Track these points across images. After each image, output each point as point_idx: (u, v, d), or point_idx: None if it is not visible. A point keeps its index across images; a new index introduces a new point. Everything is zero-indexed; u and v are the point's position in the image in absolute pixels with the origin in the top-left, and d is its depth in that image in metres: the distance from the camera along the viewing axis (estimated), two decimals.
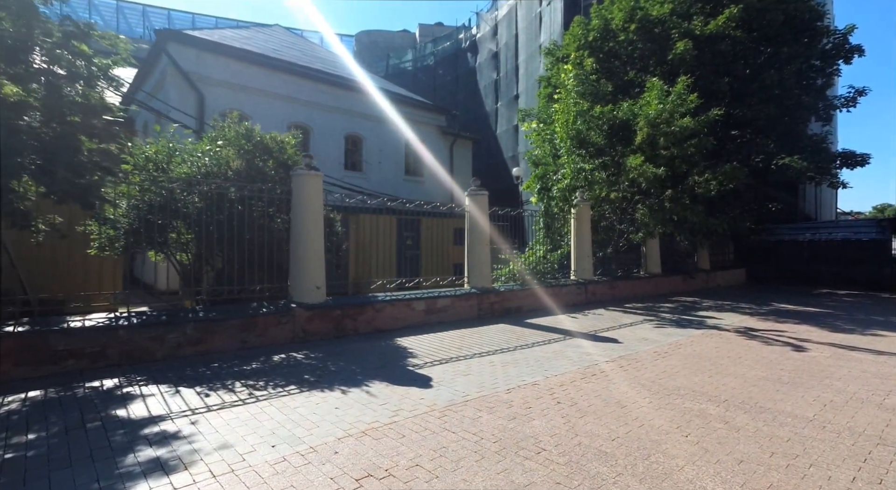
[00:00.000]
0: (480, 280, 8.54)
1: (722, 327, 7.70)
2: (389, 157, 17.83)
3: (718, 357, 5.61)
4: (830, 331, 7.51)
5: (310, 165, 6.27)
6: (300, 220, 6.17)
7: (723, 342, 6.50)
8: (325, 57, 18.98)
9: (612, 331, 7.25)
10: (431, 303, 7.51)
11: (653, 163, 10.95)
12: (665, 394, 4.14)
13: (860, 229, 16.67)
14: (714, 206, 13.73)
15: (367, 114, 17.08)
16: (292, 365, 4.85)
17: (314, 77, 15.43)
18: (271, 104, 14.52)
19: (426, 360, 5.16)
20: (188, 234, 5.97)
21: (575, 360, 5.33)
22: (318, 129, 15.58)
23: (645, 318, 8.56)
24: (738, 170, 10.98)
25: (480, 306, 8.29)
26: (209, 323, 5.16)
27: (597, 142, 11.75)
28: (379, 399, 3.84)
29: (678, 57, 12.63)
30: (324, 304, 6.22)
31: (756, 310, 9.99)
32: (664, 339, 6.70)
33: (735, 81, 13.94)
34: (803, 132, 15.35)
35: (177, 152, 6.29)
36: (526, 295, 9.26)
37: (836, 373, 4.97)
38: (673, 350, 5.97)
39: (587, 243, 10.94)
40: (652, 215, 11.29)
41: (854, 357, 5.68)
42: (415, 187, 18.59)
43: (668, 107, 10.83)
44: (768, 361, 5.43)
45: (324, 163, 15.70)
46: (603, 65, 14.80)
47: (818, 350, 6.07)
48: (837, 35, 14.10)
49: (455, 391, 4.08)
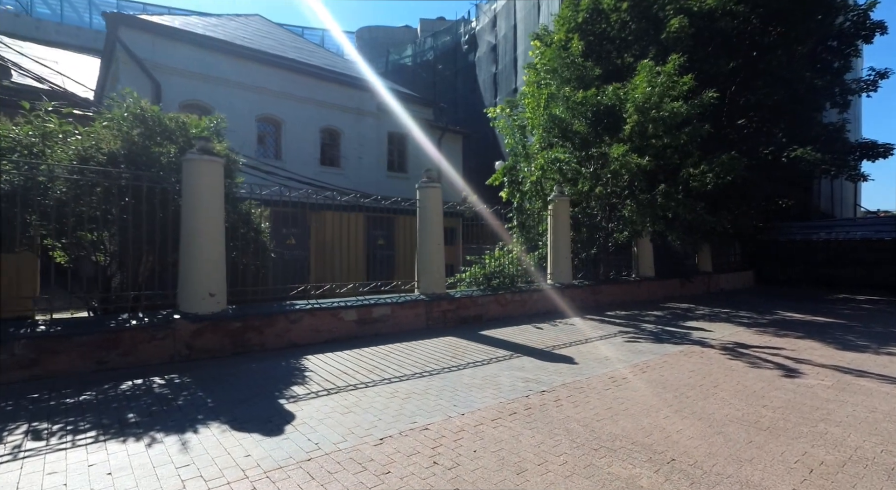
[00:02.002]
0: (431, 285, 7.50)
1: (707, 343, 6.53)
2: (370, 153, 16.85)
3: (688, 386, 4.49)
4: (838, 348, 6.28)
5: (205, 149, 5.31)
6: (190, 213, 5.22)
7: (701, 364, 5.36)
8: (304, 47, 18.09)
9: (572, 347, 6.15)
10: (365, 312, 6.49)
11: (641, 153, 9.77)
12: (592, 448, 3.06)
13: (882, 228, 15.16)
14: (716, 202, 12.44)
15: (345, 106, 16.14)
16: (137, 395, 3.89)
17: (285, 66, 14.52)
18: (238, 95, 13.65)
19: (313, 390, 4.15)
20: (43, 230, 5.06)
21: (504, 390, 4.27)
22: (291, 122, 14.67)
23: (621, 330, 7.42)
24: (737, 160, 9.71)
25: (430, 315, 7.24)
26: (49, 340, 4.23)
27: (580, 130, 10.61)
28: (190, 453, 2.84)
29: (673, 36, 11.39)
30: (218, 314, 5.25)
31: (755, 319, 8.75)
32: (631, 358, 5.58)
33: (739, 64, 12.62)
34: (817, 120, 13.93)
35: (55, 134, 5.38)
36: (489, 302, 8.18)
37: (835, 412, 3.81)
38: (635, 375, 4.86)
39: (565, 243, 9.80)
40: (640, 212, 10.11)
41: (862, 388, 4.50)
42: (399, 184, 17.58)
43: (657, 89, 9.64)
44: (750, 393, 4.29)
45: (297, 158, 14.82)
46: (593, 48, 13.61)
47: (818, 376, 4.89)
48: (857, 11, 12.65)
49: (307, 442, 3.06)
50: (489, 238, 10.57)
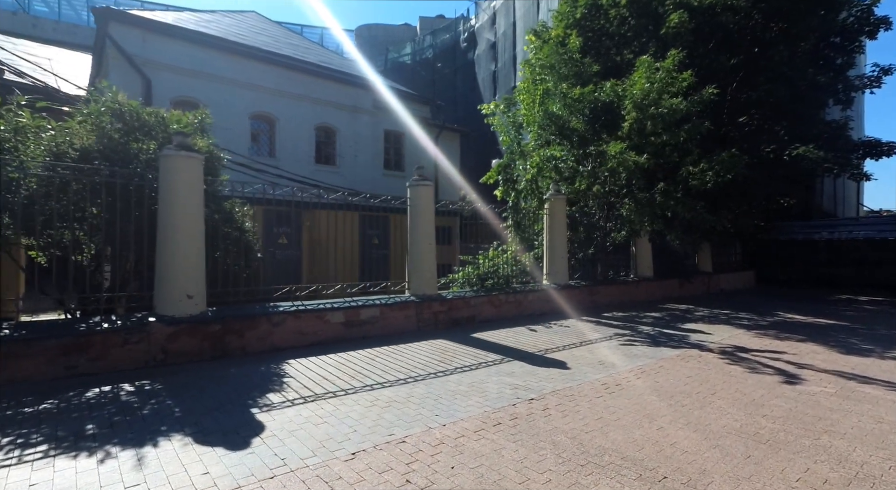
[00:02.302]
0: (422, 285, 7.29)
1: (706, 346, 6.32)
2: (366, 151, 16.63)
3: (684, 394, 4.28)
4: (841, 352, 6.07)
5: (183, 145, 5.10)
6: (167, 211, 5.01)
7: (698, 369, 5.15)
8: (300, 44, 17.88)
9: (566, 350, 5.94)
10: (353, 314, 6.28)
11: (640, 151, 9.54)
12: (579, 463, 2.86)
13: (885, 227, 14.91)
14: (716, 201, 12.21)
15: (341, 103, 15.93)
16: (101, 404, 3.69)
17: (280, 63, 14.31)
18: (231, 92, 13.45)
19: (289, 397, 3.95)
20: (10, 229, 4.85)
21: (490, 398, 4.07)
22: (285, 120, 14.46)
23: (617, 332, 7.21)
24: (737, 158, 9.48)
25: (421, 317, 7.04)
26: (13, 344, 4.03)
27: (577, 128, 10.39)
28: (144, 471, 2.64)
29: (672, 31, 11.15)
30: (197, 317, 5.05)
31: (756, 321, 8.53)
32: (626, 363, 5.37)
33: (740, 60, 12.38)
34: (819, 118, 13.67)
35: (27, 129, 5.18)
36: (482, 303, 7.97)
37: (839, 423, 3.60)
38: (629, 381, 4.65)
39: (562, 243, 9.59)
40: (639, 211, 9.89)
41: (867, 395, 4.29)
42: (396, 183, 17.33)
43: (655, 86, 9.41)
44: (748, 401, 4.08)
45: (292, 156, 14.62)
46: (592, 44, 13.37)
47: (820, 382, 4.68)
48: (860, 6, 12.39)
49: (273, 457, 2.86)
50: (488, 237, 10.37)
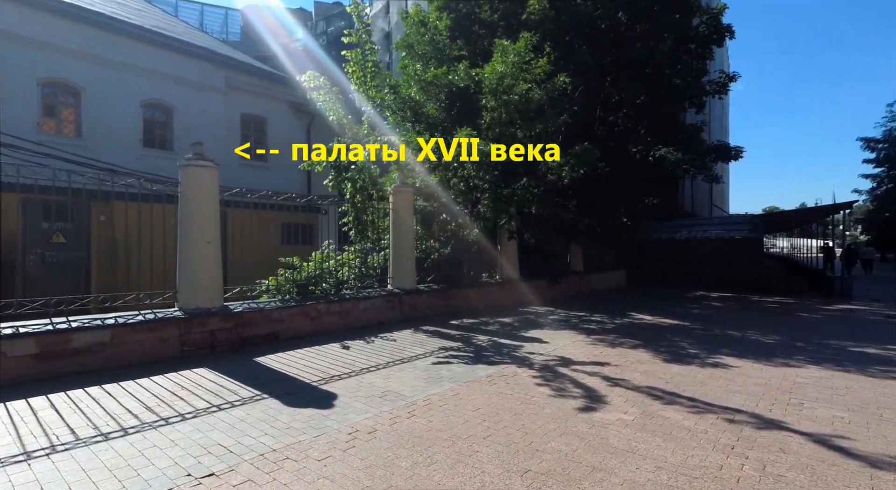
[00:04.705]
0: (198, 296, 5.65)
1: (530, 360, 5.47)
2: (217, 136, 14.26)
3: (450, 440, 3.20)
4: (666, 360, 5.54)
5: None
6: None
7: (498, 396, 4.17)
8: (132, 5, 15.00)
9: (357, 377, 4.70)
10: (54, 341, 4.47)
11: (500, 144, 8.72)
12: None
13: (733, 227, 15.98)
14: (583, 199, 11.94)
15: (181, 78, 13.50)
16: None
17: (88, 20, 11.59)
18: (8, 47, 10.51)
19: None
20: None
21: (150, 477, 2.63)
22: (96, 91, 11.76)
23: (444, 346, 6.18)
24: (590, 151, 9.05)
25: (187, 338, 5.38)
26: None
27: (433, 114, 9.35)
28: None
29: (534, 18, 10.60)
30: None
31: (603, 325, 8.07)
32: (417, 392, 4.25)
33: (609, 60, 12.27)
34: (679, 120, 14.18)
35: None
36: (290, 315, 6.51)
37: (615, 472, 2.69)
38: (394, 423, 3.49)
39: (408, 241, 8.45)
40: (494, 207, 9.09)
41: (665, 423, 3.53)
42: (257, 174, 15.23)
43: (509, 70, 8.64)
44: (523, 446, 3.09)
45: (108, 137, 11.86)
46: (463, 29, 12.56)
47: (624, 405, 3.90)
48: (710, 13, 12.91)
49: None
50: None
